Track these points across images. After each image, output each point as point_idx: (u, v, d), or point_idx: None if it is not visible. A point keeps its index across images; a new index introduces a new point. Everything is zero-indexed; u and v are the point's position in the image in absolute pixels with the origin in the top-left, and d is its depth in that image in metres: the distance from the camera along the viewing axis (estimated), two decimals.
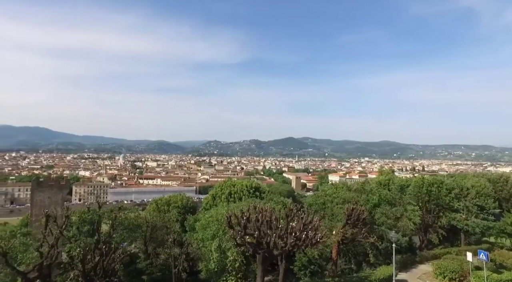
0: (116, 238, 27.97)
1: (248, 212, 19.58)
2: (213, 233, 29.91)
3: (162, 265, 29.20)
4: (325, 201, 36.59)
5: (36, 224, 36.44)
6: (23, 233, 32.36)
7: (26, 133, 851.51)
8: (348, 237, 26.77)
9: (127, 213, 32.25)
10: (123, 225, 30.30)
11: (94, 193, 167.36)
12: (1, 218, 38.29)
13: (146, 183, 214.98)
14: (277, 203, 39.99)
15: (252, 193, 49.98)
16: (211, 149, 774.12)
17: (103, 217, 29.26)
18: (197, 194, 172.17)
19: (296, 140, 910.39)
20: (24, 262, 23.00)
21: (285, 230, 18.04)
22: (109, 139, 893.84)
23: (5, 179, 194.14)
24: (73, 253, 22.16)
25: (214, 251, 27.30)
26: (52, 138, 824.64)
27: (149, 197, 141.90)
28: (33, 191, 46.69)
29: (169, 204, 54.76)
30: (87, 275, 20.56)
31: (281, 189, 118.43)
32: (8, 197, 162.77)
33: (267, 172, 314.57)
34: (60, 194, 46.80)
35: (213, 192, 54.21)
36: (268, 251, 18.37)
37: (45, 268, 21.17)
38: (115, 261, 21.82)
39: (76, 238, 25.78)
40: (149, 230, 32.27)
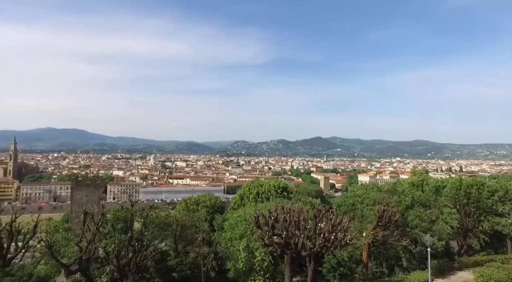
0: (147, 235, 28.94)
1: (276, 212, 19.49)
2: (241, 232, 30.07)
3: (192, 263, 29.82)
4: (354, 202, 35.67)
5: (75, 220, 38.56)
6: (65, 228, 34.36)
7: (66, 135, 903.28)
8: (379, 239, 25.88)
9: (158, 211, 33.26)
10: (154, 223, 31.28)
11: (126, 192, 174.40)
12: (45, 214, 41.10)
13: (176, 182, 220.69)
14: (305, 203, 39.52)
15: (279, 193, 49.74)
16: (238, 149, 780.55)
17: (135, 215, 30.37)
18: (225, 193, 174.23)
19: (324, 140, 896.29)
20: (66, 255, 24.42)
21: (314, 231, 17.77)
22: (140, 140, 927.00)
23: (49, 177, 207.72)
24: (109, 249, 23.20)
25: (242, 251, 27.45)
26: (89, 139, 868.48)
27: (178, 196, 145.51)
28: (72, 190, 49.51)
29: (198, 203, 55.73)
30: (121, 270, 21.46)
31: (309, 189, 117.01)
32: (52, 194, 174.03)
33: (294, 172, 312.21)
34: (96, 193, 49.22)
35: (241, 192, 54.53)
36: (296, 251, 18.17)
37: (84, 262, 22.32)
38: (147, 257, 22.61)
39: (111, 234, 26.94)
40: (179, 228, 33.05)
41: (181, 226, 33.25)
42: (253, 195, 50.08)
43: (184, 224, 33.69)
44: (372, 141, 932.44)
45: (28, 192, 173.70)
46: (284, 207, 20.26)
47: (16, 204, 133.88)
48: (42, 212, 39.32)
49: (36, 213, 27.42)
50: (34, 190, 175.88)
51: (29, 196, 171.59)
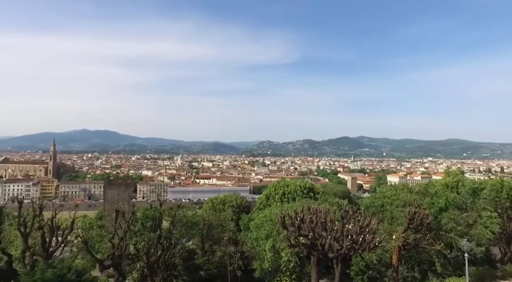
0: (175, 234, 29.64)
1: (302, 212, 19.30)
2: (267, 232, 30.07)
3: (218, 262, 30.16)
4: (383, 203, 34.54)
5: (108, 218, 40.22)
6: (99, 225, 36.00)
7: (99, 136, 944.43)
8: (410, 242, 24.83)
9: (185, 211, 34.00)
10: (182, 222, 31.99)
11: (155, 191, 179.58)
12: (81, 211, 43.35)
13: (202, 182, 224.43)
14: (332, 204, 38.88)
15: (306, 193, 49.30)
16: (264, 149, 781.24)
17: (164, 214, 31.20)
18: (251, 193, 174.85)
19: (351, 139, 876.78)
20: (100, 251, 25.55)
21: (341, 232, 17.41)
22: (168, 141, 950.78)
23: (84, 177, 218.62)
24: (139, 246, 24.00)
25: (268, 251, 27.44)
26: (120, 140, 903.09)
27: (205, 196, 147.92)
28: (105, 188, 51.79)
29: (224, 203, 56.38)
30: (151, 267, 22.11)
31: (336, 190, 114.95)
32: (86, 193, 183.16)
33: (321, 172, 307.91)
34: (127, 192, 51.12)
35: (267, 192, 54.57)
36: (323, 253, 17.89)
37: (117, 258, 23.22)
38: (175, 255, 23.14)
39: (141, 232, 27.84)
40: (206, 227, 33.55)
41: (207, 225, 33.75)
42: (279, 195, 49.95)
43: (210, 224, 34.16)
44: (401, 140, 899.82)
45: (66, 190, 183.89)
46: (311, 207, 20.02)
47: (56, 201, 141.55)
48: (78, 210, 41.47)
49: (73, 210, 28.87)
50: (71, 188, 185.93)
51: (67, 194, 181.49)
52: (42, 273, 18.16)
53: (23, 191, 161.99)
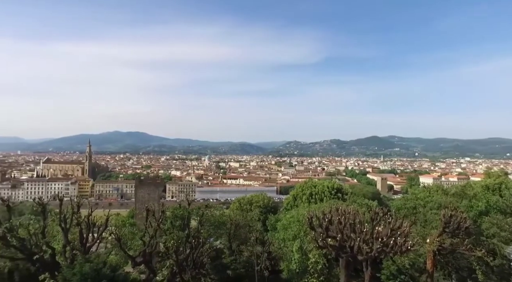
0: (203, 233, 30.09)
1: (330, 213, 18.96)
2: (294, 233, 29.85)
3: (246, 262, 30.31)
4: (416, 205, 33.19)
5: (139, 216, 41.59)
6: (131, 223, 37.43)
7: (130, 138, 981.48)
8: (447, 247, 23.49)
9: (213, 210, 34.45)
10: (210, 222, 32.45)
11: (183, 191, 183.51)
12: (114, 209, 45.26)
13: (230, 182, 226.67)
14: (361, 205, 37.90)
15: (333, 194, 48.41)
16: (291, 149, 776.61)
17: (192, 214, 31.79)
18: (277, 194, 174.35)
19: (381, 139, 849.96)
20: (132, 248, 26.50)
21: (371, 235, 16.90)
22: (196, 142, 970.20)
23: (116, 176, 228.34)
24: (168, 244, 24.61)
25: (295, 252, 27.20)
26: (150, 141, 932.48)
27: (232, 196, 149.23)
28: (136, 188, 53.66)
29: (251, 203, 56.58)
30: (180, 265, 22.61)
31: (365, 191, 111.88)
32: (119, 192, 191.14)
33: (349, 172, 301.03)
34: (156, 191, 52.60)
35: (294, 193, 54.16)
36: (352, 255, 17.45)
37: (148, 255, 23.96)
38: (203, 254, 23.51)
39: (170, 231, 28.53)
40: (233, 227, 33.82)
41: (235, 225, 34.00)
42: (306, 196, 49.41)
43: (238, 223, 34.40)
44: (435, 139, 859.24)
45: (100, 189, 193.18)
46: (339, 208, 19.62)
47: (91, 200, 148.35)
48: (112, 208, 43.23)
49: (107, 208, 30.17)
50: (105, 187, 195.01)
51: (101, 192, 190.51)
52: (81, 267, 19.27)
53: (62, 189, 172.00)
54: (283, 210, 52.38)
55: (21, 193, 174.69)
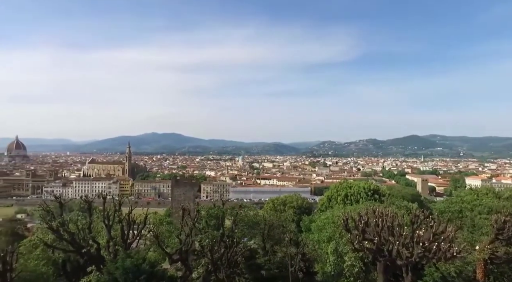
0: (237, 233, 30.45)
1: (366, 215, 18.32)
2: (329, 235, 29.23)
3: (279, 263, 30.16)
4: (461, 209, 31.09)
5: (175, 215, 42.97)
6: (167, 222, 38.74)
7: (166, 139, 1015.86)
8: (501, 256, 21.41)
9: (246, 210, 34.75)
10: (244, 222, 32.75)
11: (218, 191, 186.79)
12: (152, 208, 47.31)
13: (263, 183, 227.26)
14: (400, 207, 36.25)
15: (370, 195, 46.86)
16: (325, 149, 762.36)
17: (226, 213, 32.29)
18: (312, 194, 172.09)
19: (421, 138, 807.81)
20: (169, 245, 27.42)
21: (411, 239, 16.05)
22: (230, 142, 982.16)
23: (154, 176, 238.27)
24: (203, 243, 25.18)
25: (330, 254, 26.64)
26: (185, 142, 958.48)
27: (266, 196, 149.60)
28: (172, 188, 55.55)
29: (285, 203, 56.33)
30: (215, 264, 23.02)
31: (404, 192, 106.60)
32: (156, 191, 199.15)
33: (386, 173, 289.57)
34: (192, 191, 54.01)
35: (329, 193, 53.18)
36: (390, 259, 16.71)
37: (184, 253, 24.66)
38: (237, 254, 23.75)
39: (205, 230, 29.16)
40: (267, 227, 33.82)
41: (269, 226, 33.99)
42: (341, 197, 48.30)
43: (271, 224, 34.36)
44: (483, 138, 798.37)
45: (139, 188, 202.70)
46: (376, 210, 18.90)
47: (131, 198, 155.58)
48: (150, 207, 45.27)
49: (145, 207, 31.62)
50: (144, 187, 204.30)
51: (140, 191, 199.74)
52: (123, 262, 20.35)
53: (105, 188, 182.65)
54: (318, 211, 51.59)
55: (70, 191, 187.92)
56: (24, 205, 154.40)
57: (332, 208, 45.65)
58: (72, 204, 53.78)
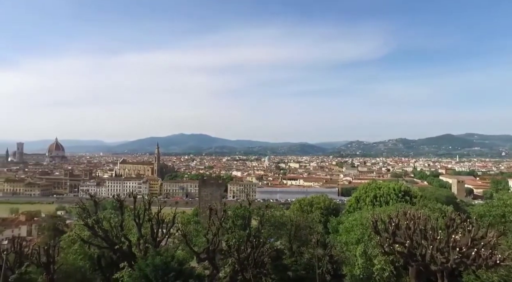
0: (264, 233, 30.41)
1: (397, 217, 17.65)
2: (358, 237, 28.45)
3: (306, 264, 29.81)
4: (504, 213, 29.03)
5: (203, 215, 43.79)
6: (195, 221, 39.51)
7: (193, 140, 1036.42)
8: None
9: (273, 211, 34.60)
10: (270, 222, 32.63)
11: (244, 191, 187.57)
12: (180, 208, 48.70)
13: (289, 183, 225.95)
14: (433, 210, 34.64)
15: (400, 197, 45.13)
16: (353, 149, 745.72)
17: (252, 213, 32.34)
18: (339, 195, 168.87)
19: (456, 137, 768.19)
20: (197, 244, 27.90)
21: (446, 243, 15.22)
22: (256, 143, 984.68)
23: (182, 176, 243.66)
24: (230, 243, 25.39)
25: (359, 257, 25.98)
26: (211, 143, 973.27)
27: (292, 196, 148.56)
28: (199, 188, 56.63)
29: (312, 204, 55.56)
30: (241, 263, 23.13)
31: (437, 194, 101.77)
32: (184, 191, 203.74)
33: (418, 174, 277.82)
34: (218, 191, 54.79)
35: (357, 194, 51.88)
36: (423, 264, 15.95)
37: (211, 252, 25.01)
38: (263, 254, 23.72)
39: (231, 230, 29.38)
40: (293, 228, 33.53)
41: (295, 226, 33.69)
42: (370, 198, 46.92)
43: (298, 225, 34.02)
44: None
45: (168, 188, 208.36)
46: (407, 212, 18.15)
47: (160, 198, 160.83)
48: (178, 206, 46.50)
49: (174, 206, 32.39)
50: (172, 186, 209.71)
51: (169, 191, 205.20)
52: (153, 259, 21.02)
53: (136, 188, 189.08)
54: (345, 212, 50.46)
55: (103, 190, 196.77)
56: (63, 202, 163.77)
57: (360, 209, 44.49)
58: (105, 202, 56.32)
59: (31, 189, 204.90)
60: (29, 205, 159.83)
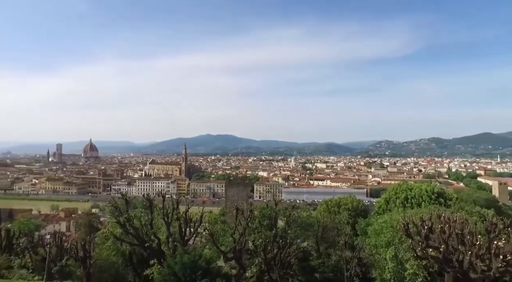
0: (290, 234, 30.21)
1: (430, 220, 16.82)
2: (388, 240, 27.52)
3: (334, 266, 29.26)
4: None
5: (229, 214, 44.16)
6: (222, 221, 39.95)
7: (220, 140, 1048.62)
8: None
9: (299, 211, 34.31)
10: (297, 223, 32.36)
11: (270, 191, 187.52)
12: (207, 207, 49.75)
13: (316, 183, 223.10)
14: (471, 213, 32.89)
15: (434, 199, 43.23)
16: (382, 149, 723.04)
17: (279, 214, 32.22)
18: (368, 196, 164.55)
19: (496, 136, 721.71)
20: (224, 244, 28.22)
21: (487, 249, 14.24)
22: (281, 143, 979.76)
23: (208, 176, 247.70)
24: (257, 243, 25.42)
25: (389, 260, 25.13)
26: (238, 143, 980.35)
27: (319, 197, 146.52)
28: (226, 188, 57.26)
29: (339, 205, 54.56)
30: (268, 263, 23.09)
31: (476, 197, 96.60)
32: (211, 191, 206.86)
33: (453, 175, 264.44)
34: (245, 191, 55.11)
35: (386, 196, 50.35)
36: (461, 271, 15.04)
37: (238, 252, 25.19)
38: (290, 255, 23.54)
39: (258, 230, 29.42)
40: (320, 229, 33.06)
41: (322, 227, 33.21)
42: (401, 200, 45.36)
43: (325, 226, 33.51)
44: None
45: (195, 188, 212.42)
46: (441, 215, 17.24)
47: (188, 197, 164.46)
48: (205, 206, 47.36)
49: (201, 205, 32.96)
50: (199, 186, 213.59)
51: (196, 191, 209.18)
52: (181, 257, 21.49)
53: (164, 187, 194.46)
54: (374, 214, 49.08)
55: (134, 189, 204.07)
56: (97, 200, 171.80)
57: (390, 211, 43.12)
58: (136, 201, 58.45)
59: (69, 188, 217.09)
60: (67, 202, 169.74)
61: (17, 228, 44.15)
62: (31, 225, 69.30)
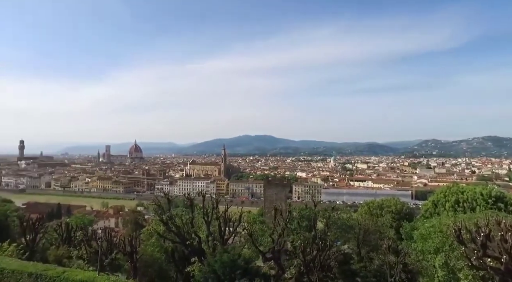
0: (330, 236, 29.44)
1: (487, 227, 15.38)
2: (436, 246, 25.71)
3: (377, 271, 28.01)
4: None
5: (268, 215, 44.16)
6: (260, 221, 40.10)
7: (258, 141, 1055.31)
8: None
9: (340, 213, 33.39)
10: (336, 225, 31.50)
11: (309, 192, 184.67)
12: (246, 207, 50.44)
13: (357, 185, 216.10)
14: None
15: (491, 203, 39.68)
16: (428, 149, 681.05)
17: (318, 215, 31.56)
18: (413, 199, 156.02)
19: None
20: (262, 244, 28.27)
21: None
22: (321, 143, 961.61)
23: (247, 177, 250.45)
24: (295, 244, 25.09)
25: (439, 268, 23.45)
26: (276, 144, 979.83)
27: (360, 199, 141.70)
28: (264, 188, 57.31)
29: (382, 208, 52.22)
30: (307, 265, 22.66)
31: None
32: (250, 191, 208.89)
33: None
34: (283, 192, 54.73)
35: (434, 198, 47.23)
36: None
37: (276, 252, 25.08)
38: (330, 257, 22.90)
39: (297, 231, 29.05)
40: (362, 232, 31.88)
41: (364, 230, 31.99)
42: (451, 203, 42.25)
43: (367, 229, 32.24)
44: None
45: (234, 188, 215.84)
46: (501, 221, 15.69)
47: (227, 197, 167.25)
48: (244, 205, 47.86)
49: (239, 205, 33.27)
50: (238, 186, 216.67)
51: (235, 191, 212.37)
52: (221, 256, 21.85)
53: (204, 187, 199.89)
54: (421, 218, 46.24)
55: (176, 189, 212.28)
56: (142, 199, 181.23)
57: (438, 215, 40.37)
58: (177, 200, 60.64)
59: (116, 186, 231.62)
60: (115, 200, 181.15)
61: (74, 222, 48.44)
62: (86, 220, 75.52)
